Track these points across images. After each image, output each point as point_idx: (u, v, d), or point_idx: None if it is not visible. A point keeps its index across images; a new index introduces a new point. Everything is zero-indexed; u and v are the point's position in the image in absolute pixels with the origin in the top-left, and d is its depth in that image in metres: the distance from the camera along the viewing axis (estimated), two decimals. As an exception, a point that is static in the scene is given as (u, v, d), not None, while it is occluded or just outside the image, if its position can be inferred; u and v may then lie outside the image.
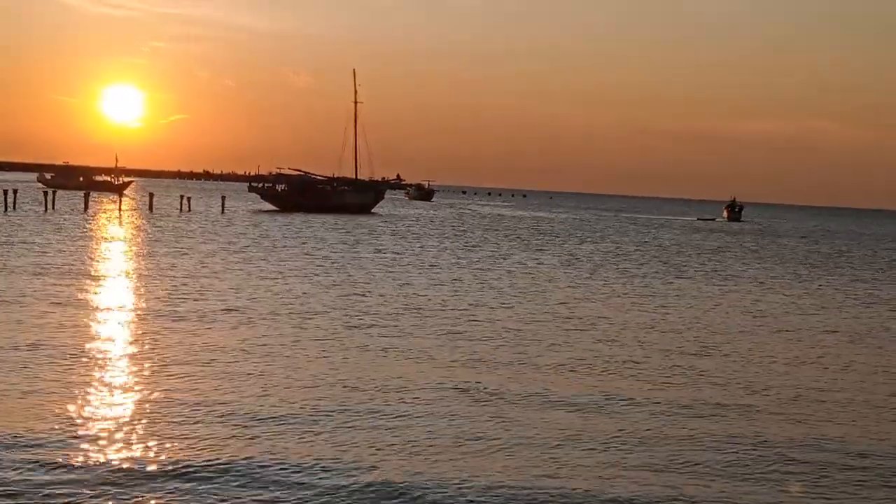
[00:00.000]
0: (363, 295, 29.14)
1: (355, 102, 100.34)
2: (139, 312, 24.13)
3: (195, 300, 26.10)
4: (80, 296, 26.18)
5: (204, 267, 35.43)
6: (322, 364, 18.23)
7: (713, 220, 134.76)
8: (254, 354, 18.85)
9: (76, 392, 15.07)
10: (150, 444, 12.40)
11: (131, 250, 42.86)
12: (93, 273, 32.45)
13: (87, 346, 19.00)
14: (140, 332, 21.30)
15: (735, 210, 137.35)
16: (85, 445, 12.19)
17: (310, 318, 23.80)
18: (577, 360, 19.89)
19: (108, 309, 24.31)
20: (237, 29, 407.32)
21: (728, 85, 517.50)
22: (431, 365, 18.75)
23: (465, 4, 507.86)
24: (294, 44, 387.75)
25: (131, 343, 19.97)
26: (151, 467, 11.47)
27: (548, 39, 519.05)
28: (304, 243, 50.48)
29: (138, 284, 30.03)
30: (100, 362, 17.53)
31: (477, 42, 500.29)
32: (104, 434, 12.80)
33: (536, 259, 48.42)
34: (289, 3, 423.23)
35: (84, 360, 17.59)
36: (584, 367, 19.24)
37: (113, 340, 20.03)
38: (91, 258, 37.71)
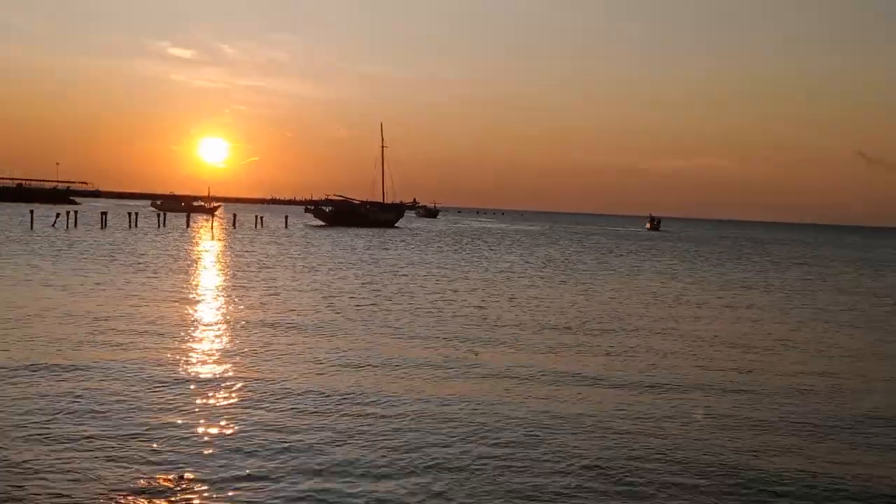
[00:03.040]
0: (369, 283, 29.19)
1: (382, 147, 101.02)
2: (222, 292, 24.29)
3: (260, 283, 26.36)
4: (177, 284, 26.38)
5: (265, 259, 35.72)
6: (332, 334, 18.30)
7: (650, 229, 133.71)
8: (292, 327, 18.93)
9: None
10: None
11: (221, 252, 43.07)
12: (190, 267, 32.42)
13: (173, 318, 19.17)
14: (216, 305, 21.27)
15: (655, 223, 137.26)
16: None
17: (335, 298, 23.88)
18: (505, 333, 19.14)
19: (199, 292, 24.36)
20: (294, 96, 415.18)
21: (648, 131, 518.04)
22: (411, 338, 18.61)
23: (456, 76, 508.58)
24: (335, 106, 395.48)
25: (204, 313, 19.91)
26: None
27: (513, 88, 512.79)
28: (340, 248, 50.61)
29: (223, 276, 30.24)
30: (180, 330, 17.77)
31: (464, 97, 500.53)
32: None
33: (502, 258, 48.25)
34: (330, 77, 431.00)
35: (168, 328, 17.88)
36: (509, 338, 18.50)
37: (194, 312, 19.87)
38: (191, 256, 38.01)
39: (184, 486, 8.15)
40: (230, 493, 8.02)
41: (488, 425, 10.72)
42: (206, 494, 7.99)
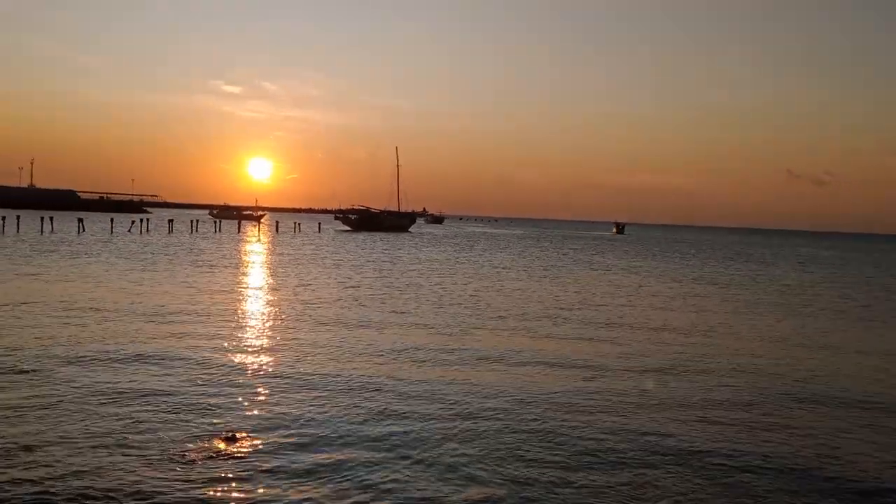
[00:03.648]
0: (385, 276, 29.14)
1: (397, 166, 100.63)
2: (265, 283, 24.24)
3: (296, 276, 26.33)
4: (229, 276, 26.36)
5: (301, 257, 35.61)
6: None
7: (616, 233, 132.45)
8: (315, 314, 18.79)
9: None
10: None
11: (265, 252, 43.07)
12: (240, 264, 32.43)
13: (218, 307, 19.10)
14: (256, 292, 21.24)
15: (620, 227, 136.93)
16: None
17: (353, 288, 23.83)
18: (493, 318, 18.96)
19: (247, 283, 24.26)
20: (324, 124, 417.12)
21: (616, 153, 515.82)
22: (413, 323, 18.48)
23: (451, 123, 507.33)
24: (356, 131, 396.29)
25: (244, 302, 19.79)
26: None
27: (505, 114, 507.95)
28: (362, 249, 50.56)
29: (267, 270, 30.19)
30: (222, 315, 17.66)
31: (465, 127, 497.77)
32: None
33: (495, 256, 48.00)
34: (352, 108, 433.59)
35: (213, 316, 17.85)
36: (496, 322, 18.39)
37: (235, 301, 19.71)
38: (241, 255, 38.03)
39: (235, 439, 8.22)
40: (270, 439, 8.11)
41: (476, 389, 10.78)
42: (251, 445, 8.06)
